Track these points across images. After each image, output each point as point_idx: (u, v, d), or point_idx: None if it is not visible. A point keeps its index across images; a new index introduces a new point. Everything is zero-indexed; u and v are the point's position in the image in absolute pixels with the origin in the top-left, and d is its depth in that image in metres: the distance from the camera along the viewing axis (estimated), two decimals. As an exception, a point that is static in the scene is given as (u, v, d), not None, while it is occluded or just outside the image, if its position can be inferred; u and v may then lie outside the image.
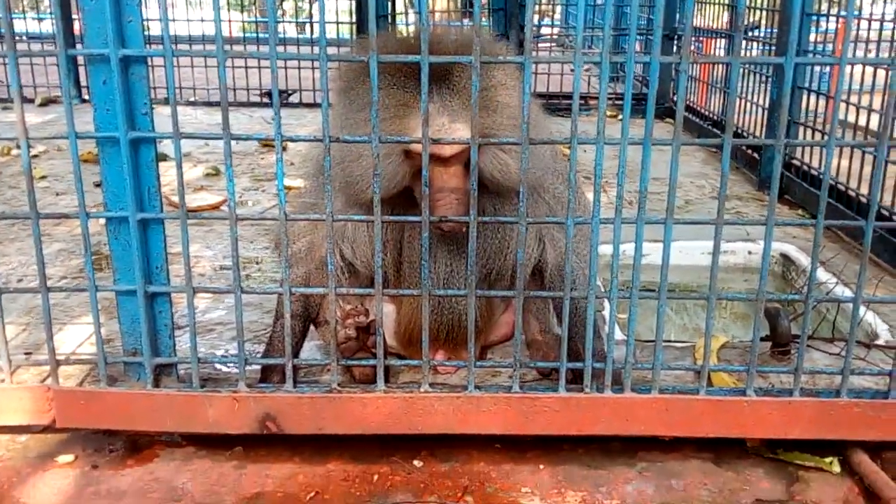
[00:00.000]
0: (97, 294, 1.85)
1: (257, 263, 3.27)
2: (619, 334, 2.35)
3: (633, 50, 1.67)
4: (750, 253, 3.44)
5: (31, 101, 6.94)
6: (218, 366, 2.25)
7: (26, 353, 2.35)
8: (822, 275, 2.96)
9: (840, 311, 2.67)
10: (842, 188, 3.63)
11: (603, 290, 1.87)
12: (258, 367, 2.14)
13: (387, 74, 1.83)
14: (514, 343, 1.91)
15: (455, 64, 1.83)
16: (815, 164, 4.03)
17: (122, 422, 1.90)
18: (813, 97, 4.19)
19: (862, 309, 2.19)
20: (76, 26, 6.44)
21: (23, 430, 2.00)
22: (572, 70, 1.66)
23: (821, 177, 1.80)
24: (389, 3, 6.42)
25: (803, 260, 3.24)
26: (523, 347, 2.27)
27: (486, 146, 1.83)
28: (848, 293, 2.77)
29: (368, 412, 1.87)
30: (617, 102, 6.67)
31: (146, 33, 1.79)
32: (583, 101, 6.52)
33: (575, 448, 2.02)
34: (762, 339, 2.25)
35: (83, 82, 6.44)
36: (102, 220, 1.84)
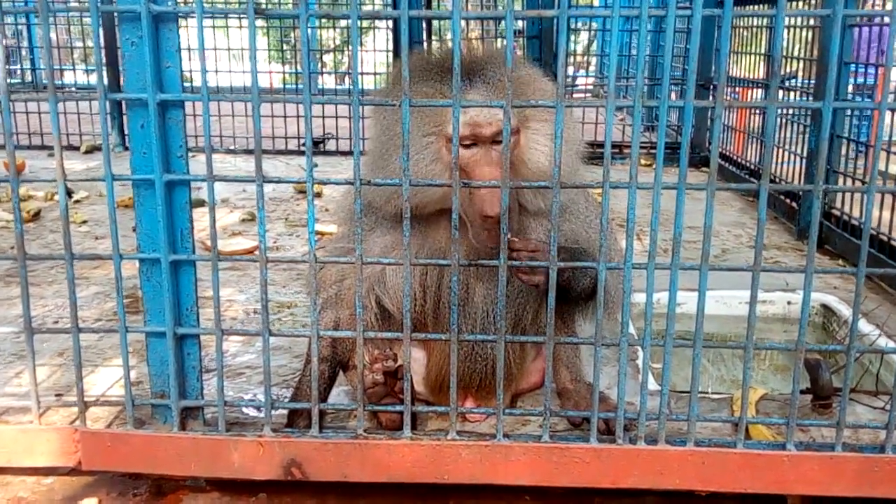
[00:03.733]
0: (128, 336, 1.86)
1: (289, 308, 3.27)
2: (652, 384, 2.30)
3: (667, 88, 1.66)
4: (789, 303, 3.36)
5: (77, 148, 7.14)
6: (245, 410, 2.24)
7: (57, 395, 2.36)
8: (864, 326, 2.88)
9: (883, 364, 2.58)
10: (884, 238, 3.55)
11: (636, 337, 1.84)
12: (285, 411, 2.12)
13: (422, 70, 1.92)
14: (544, 391, 1.87)
15: (488, 60, 1.89)
16: (855, 213, 3.95)
17: (146, 465, 1.89)
18: (853, 148, 4.14)
19: (907, 361, 2.11)
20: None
21: (49, 471, 1.99)
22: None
23: (861, 226, 1.75)
24: (424, 27, 6.51)
25: (844, 311, 3.16)
26: (554, 396, 2.23)
27: (523, 135, 1.90)
28: (891, 345, 2.68)
29: (394, 459, 1.84)
30: (651, 151, 6.65)
31: (189, 83, 1.83)
32: (617, 150, 6.54)
33: (607, 501, 1.95)
34: (803, 392, 2.18)
35: (127, 130, 6.63)
36: (139, 264, 1.86)
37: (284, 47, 9.99)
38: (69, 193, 5.27)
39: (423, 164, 1.89)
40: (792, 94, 5.51)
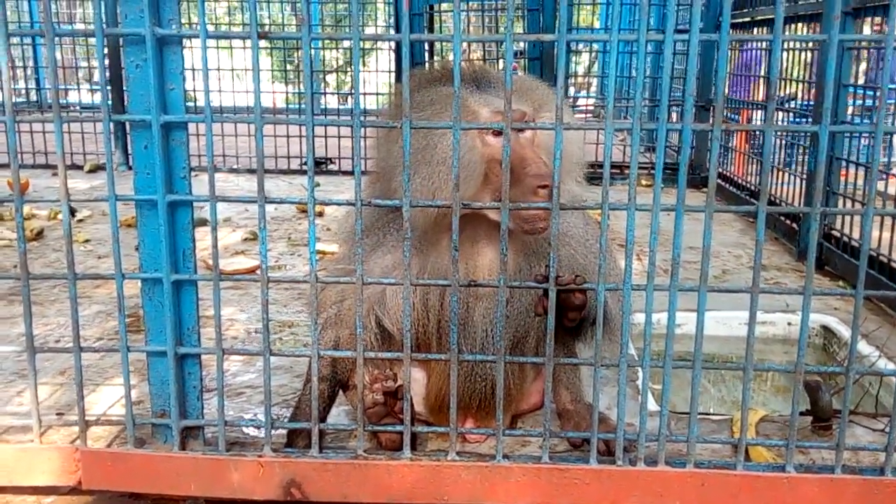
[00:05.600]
0: (130, 355, 1.86)
1: (290, 327, 3.28)
2: (652, 405, 2.30)
3: (665, 110, 1.67)
4: (790, 324, 3.36)
5: (80, 167, 7.17)
6: (245, 430, 2.24)
7: (58, 414, 2.37)
8: (864, 348, 2.88)
9: (883, 386, 2.58)
10: (884, 259, 3.56)
11: (636, 358, 1.84)
12: (285, 431, 2.12)
13: (432, 79, 2.02)
14: (543, 412, 1.87)
15: (489, 64, 1.95)
16: (855, 235, 3.96)
17: (146, 485, 1.89)
18: (852, 170, 4.16)
19: (907, 383, 2.12)
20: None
21: (50, 491, 1.99)
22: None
23: (861, 247, 1.76)
24: (426, 48, 6.57)
25: (844, 332, 3.16)
26: (554, 417, 2.23)
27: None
28: (891, 367, 2.68)
29: (394, 480, 1.84)
30: (651, 172, 6.66)
31: (193, 104, 1.85)
32: (618, 170, 6.56)
33: (607, 523, 1.94)
34: (803, 414, 2.18)
35: (131, 150, 6.66)
36: (140, 283, 1.87)
37: (287, 67, 10.06)
38: (72, 213, 5.30)
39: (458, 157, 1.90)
40: (792, 115, 5.54)
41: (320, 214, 5.40)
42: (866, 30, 4.10)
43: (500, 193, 1.80)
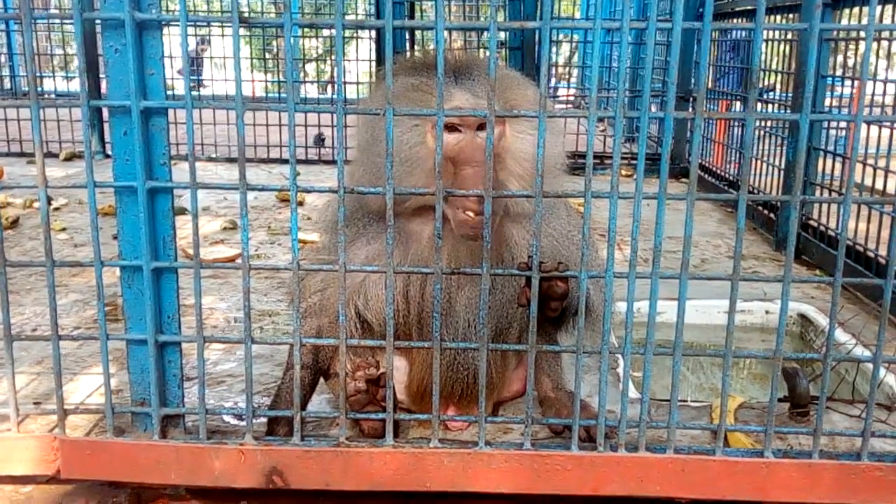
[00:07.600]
0: (109, 344, 1.84)
1: (270, 316, 3.27)
2: (633, 392, 2.32)
3: (647, 100, 1.68)
4: (767, 312, 3.39)
5: (56, 155, 7.08)
6: (226, 418, 2.23)
7: (35, 403, 2.34)
8: (841, 335, 2.92)
9: (860, 373, 2.61)
10: (860, 248, 3.60)
11: (617, 346, 1.85)
12: (266, 419, 2.11)
13: (409, 67, 1.99)
14: (525, 399, 1.88)
15: (474, 61, 1.97)
16: (832, 224, 4.01)
17: (126, 473, 1.87)
18: (830, 160, 4.20)
19: (882, 370, 2.15)
20: (103, 85, 6.57)
21: (28, 480, 1.98)
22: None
23: (838, 237, 1.78)
24: (408, 37, 6.56)
25: (822, 320, 3.20)
26: (535, 404, 2.24)
27: (508, 125, 1.93)
28: (867, 354, 2.72)
29: (376, 467, 1.84)
30: (632, 162, 6.70)
31: (172, 91, 1.82)
32: (598, 161, 6.58)
33: (588, 509, 1.96)
34: (781, 400, 2.20)
35: (107, 138, 6.57)
36: (120, 271, 1.85)
37: (266, 56, 9.98)
38: (49, 201, 5.24)
39: (408, 147, 1.89)
40: (770, 106, 5.59)
41: (301, 203, 5.37)
42: (844, 20, 4.13)
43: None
